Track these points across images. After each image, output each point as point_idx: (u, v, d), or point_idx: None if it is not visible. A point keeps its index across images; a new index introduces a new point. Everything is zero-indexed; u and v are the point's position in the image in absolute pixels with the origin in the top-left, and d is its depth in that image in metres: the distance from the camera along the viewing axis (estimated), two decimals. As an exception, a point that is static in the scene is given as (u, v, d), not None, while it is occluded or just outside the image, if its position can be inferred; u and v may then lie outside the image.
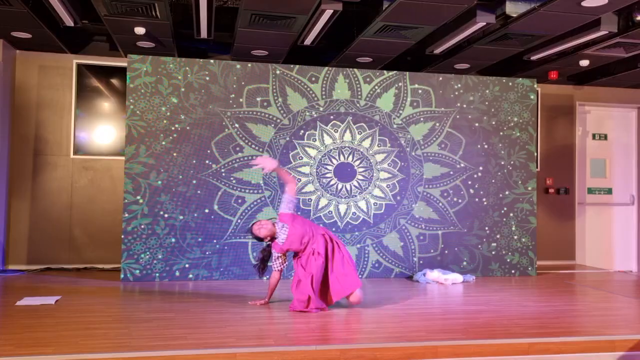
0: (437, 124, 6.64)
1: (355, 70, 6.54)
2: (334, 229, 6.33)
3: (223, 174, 6.18)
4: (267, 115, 6.30)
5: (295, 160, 6.37)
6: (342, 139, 6.48)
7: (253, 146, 6.27)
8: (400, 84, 6.59)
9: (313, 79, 6.41)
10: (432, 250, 6.57)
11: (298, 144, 6.37)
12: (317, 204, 6.38)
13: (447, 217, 6.62)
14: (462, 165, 6.69)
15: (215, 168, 6.15)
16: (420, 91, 6.61)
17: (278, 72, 6.32)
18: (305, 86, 6.38)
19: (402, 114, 6.57)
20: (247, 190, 6.23)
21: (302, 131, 6.37)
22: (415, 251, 6.54)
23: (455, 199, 6.64)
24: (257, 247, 6.12)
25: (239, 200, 6.21)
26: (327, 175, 6.44)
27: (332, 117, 6.43)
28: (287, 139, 6.31)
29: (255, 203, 6.23)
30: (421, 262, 6.52)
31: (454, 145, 6.68)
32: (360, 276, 6.04)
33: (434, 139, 6.63)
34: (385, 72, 6.61)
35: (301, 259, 4.72)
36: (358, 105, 6.49)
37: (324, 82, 6.42)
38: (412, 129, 6.59)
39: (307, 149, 6.40)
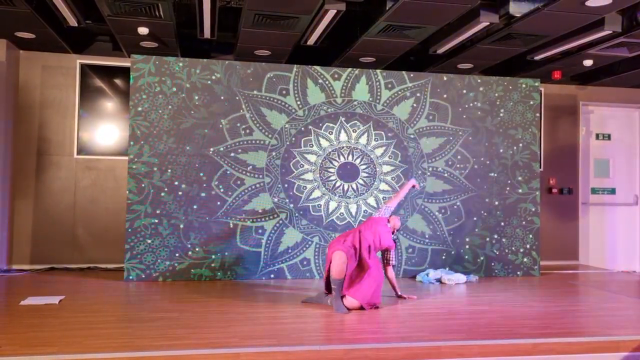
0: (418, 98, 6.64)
1: (318, 68, 6.45)
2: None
3: (230, 154, 6.18)
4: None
5: (297, 169, 6.36)
6: (339, 140, 6.47)
7: (263, 131, 6.27)
8: (370, 73, 6.57)
9: (284, 92, 6.37)
10: (456, 220, 6.62)
11: (297, 152, 6.36)
12: (327, 208, 6.37)
13: (459, 185, 6.64)
14: (454, 130, 6.68)
15: (221, 150, 6.14)
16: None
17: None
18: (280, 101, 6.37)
19: (380, 100, 6.56)
20: (247, 173, 6.23)
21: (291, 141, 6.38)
22: (442, 225, 6.57)
23: (460, 166, 6.66)
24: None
25: (238, 182, 6.21)
26: (332, 178, 6.43)
27: (312, 124, 6.42)
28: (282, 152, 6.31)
29: (253, 187, 6.23)
30: (452, 232, 6.58)
31: (441, 115, 6.67)
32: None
33: (419, 115, 6.62)
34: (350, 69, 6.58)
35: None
36: (336, 104, 6.48)
37: (295, 89, 6.37)
38: (396, 110, 6.59)
39: (306, 155, 6.39)
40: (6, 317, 4.27)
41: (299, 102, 6.37)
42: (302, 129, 6.37)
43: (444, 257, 6.57)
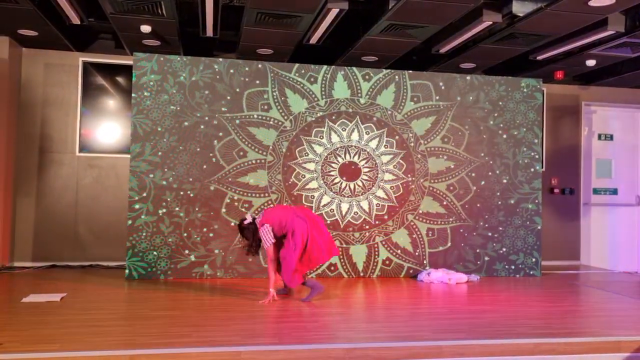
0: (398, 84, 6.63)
1: (292, 74, 6.39)
2: (334, 228, 6.34)
3: (229, 180, 6.19)
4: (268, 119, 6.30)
5: (302, 156, 6.36)
6: (350, 138, 6.48)
7: (256, 150, 6.27)
8: (345, 69, 6.56)
9: (266, 107, 6.37)
10: (467, 196, 6.64)
11: (305, 140, 6.37)
12: (319, 201, 6.37)
13: (461, 159, 6.65)
14: (442, 104, 6.66)
15: (220, 174, 6.16)
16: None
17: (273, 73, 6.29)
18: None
19: (362, 93, 6.53)
20: (253, 195, 6.24)
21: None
22: (454, 202, 6.60)
23: (459, 141, 6.67)
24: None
25: (246, 205, 6.22)
26: (332, 173, 6.43)
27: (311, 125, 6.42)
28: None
29: (262, 207, 6.23)
30: (467, 206, 6.61)
31: (426, 94, 6.65)
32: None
33: (403, 101, 6.60)
34: (316, 66, 6.51)
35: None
36: (320, 106, 6.44)
37: (276, 101, 6.35)
38: (379, 99, 6.56)
39: (313, 145, 6.39)
40: (8, 314, 4.27)
41: (283, 114, 6.36)
42: (308, 125, 6.38)
43: (461, 231, 6.59)
